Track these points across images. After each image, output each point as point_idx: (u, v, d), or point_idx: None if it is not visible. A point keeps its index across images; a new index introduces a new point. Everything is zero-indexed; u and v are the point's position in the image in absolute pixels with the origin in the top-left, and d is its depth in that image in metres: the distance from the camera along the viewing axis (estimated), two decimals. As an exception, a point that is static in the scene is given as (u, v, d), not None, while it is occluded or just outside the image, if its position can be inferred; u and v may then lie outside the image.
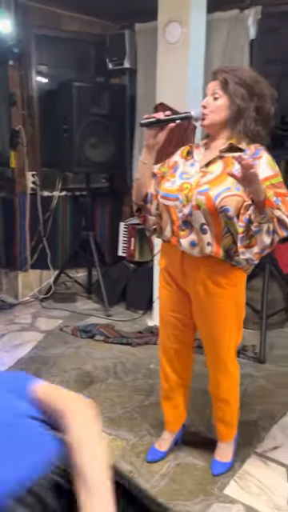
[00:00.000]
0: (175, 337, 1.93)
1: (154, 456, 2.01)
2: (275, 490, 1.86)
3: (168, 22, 3.12)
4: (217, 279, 1.70)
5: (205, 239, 1.65)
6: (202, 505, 1.77)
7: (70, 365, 2.87)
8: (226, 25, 3.48)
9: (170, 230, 1.74)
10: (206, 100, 1.69)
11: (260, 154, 1.65)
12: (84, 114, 3.56)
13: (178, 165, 1.78)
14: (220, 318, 1.77)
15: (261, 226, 1.49)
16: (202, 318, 1.82)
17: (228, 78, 1.65)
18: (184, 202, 1.66)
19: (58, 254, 4.18)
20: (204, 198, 1.61)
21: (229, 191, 1.60)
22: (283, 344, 3.24)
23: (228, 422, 1.98)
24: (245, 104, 1.64)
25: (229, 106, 1.66)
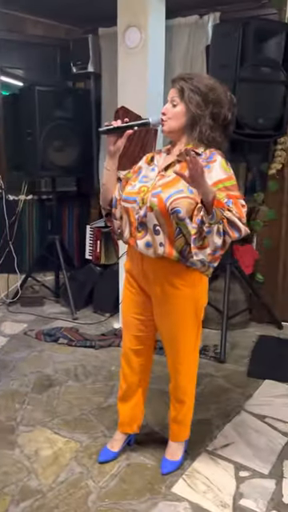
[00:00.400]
0: (137, 338, 1.95)
1: (106, 456, 2.03)
2: (222, 487, 1.89)
3: (127, 27, 3.15)
4: (172, 280, 1.74)
5: (157, 240, 1.69)
6: (148, 503, 1.79)
7: (30, 368, 2.87)
8: (187, 30, 3.53)
9: (128, 231, 1.80)
10: (165, 107, 1.75)
11: (214, 158, 1.69)
12: (47, 118, 3.57)
13: (141, 169, 1.84)
14: (177, 319, 1.81)
15: (211, 227, 1.53)
16: (160, 319, 1.86)
17: (184, 86, 1.70)
18: (140, 204, 1.72)
19: (25, 257, 4.17)
20: (156, 199, 1.66)
21: (181, 193, 1.64)
22: (245, 344, 3.29)
23: (180, 422, 2.01)
24: (200, 111, 1.69)
25: (185, 113, 1.71)
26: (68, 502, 1.79)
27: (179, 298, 1.76)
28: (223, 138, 1.76)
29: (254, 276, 3.65)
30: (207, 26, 3.43)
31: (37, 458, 2.04)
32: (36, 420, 2.32)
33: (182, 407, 1.97)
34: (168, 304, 1.78)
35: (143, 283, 1.85)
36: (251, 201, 3.65)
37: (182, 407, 1.97)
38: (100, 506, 1.77)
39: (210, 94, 1.69)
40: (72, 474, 1.95)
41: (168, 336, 1.88)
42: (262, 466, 2.01)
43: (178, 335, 1.84)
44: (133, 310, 1.92)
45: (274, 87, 2.88)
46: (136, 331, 1.94)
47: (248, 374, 2.84)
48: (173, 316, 1.81)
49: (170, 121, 1.73)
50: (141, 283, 1.86)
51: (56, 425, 2.28)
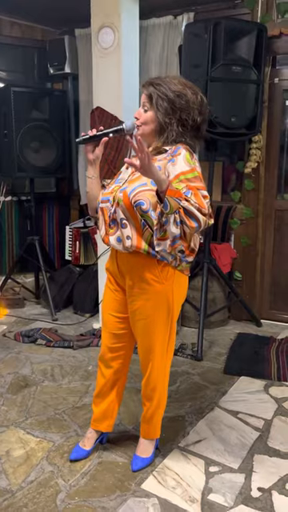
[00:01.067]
0: (115, 336, 1.95)
1: (77, 454, 2.02)
2: (192, 482, 1.89)
3: (101, 28, 3.16)
4: (144, 275, 1.75)
5: (124, 233, 1.73)
6: (117, 500, 1.79)
7: (7, 369, 2.86)
8: (161, 31, 3.56)
9: (103, 229, 1.84)
10: (138, 111, 1.79)
11: (178, 152, 1.71)
12: (24, 119, 3.57)
13: (120, 173, 1.90)
14: (148, 315, 1.80)
15: (168, 216, 1.55)
16: (133, 315, 1.86)
17: (152, 92, 1.72)
18: (112, 202, 1.77)
19: (5, 259, 4.16)
20: (122, 194, 1.73)
21: (144, 186, 1.68)
22: (223, 342, 3.32)
23: (149, 420, 2.00)
24: (167, 119, 1.71)
25: (155, 119, 1.74)
26: (37, 501, 1.78)
27: (150, 293, 1.77)
28: (194, 140, 1.78)
29: (233, 274, 3.68)
30: (181, 26, 3.46)
31: (8, 459, 2.03)
32: (10, 420, 2.31)
33: (150, 405, 1.97)
34: (140, 299, 1.79)
35: (119, 280, 1.88)
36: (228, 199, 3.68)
37: (150, 405, 1.97)
38: (68, 504, 1.77)
39: (178, 101, 1.70)
40: (42, 473, 1.94)
41: (140, 332, 1.87)
42: (232, 461, 2.02)
43: (150, 331, 1.83)
44: (112, 308, 1.94)
45: (246, 86, 2.92)
46: (114, 329, 1.95)
47: (224, 371, 2.85)
48: (144, 312, 1.80)
49: (143, 125, 1.76)
50: (118, 280, 1.89)
51: (29, 425, 2.28)
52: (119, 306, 1.92)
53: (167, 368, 1.98)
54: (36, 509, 1.75)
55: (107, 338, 1.98)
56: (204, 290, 3.23)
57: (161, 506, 1.77)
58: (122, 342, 1.96)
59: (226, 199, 3.72)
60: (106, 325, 1.98)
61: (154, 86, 1.73)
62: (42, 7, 3.57)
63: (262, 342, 3.28)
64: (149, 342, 1.87)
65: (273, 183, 3.57)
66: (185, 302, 3.51)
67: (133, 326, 1.90)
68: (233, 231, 3.66)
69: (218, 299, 3.56)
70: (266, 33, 2.97)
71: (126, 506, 1.76)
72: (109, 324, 1.96)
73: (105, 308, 1.99)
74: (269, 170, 3.53)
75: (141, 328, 1.86)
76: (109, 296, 1.95)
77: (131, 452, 2.06)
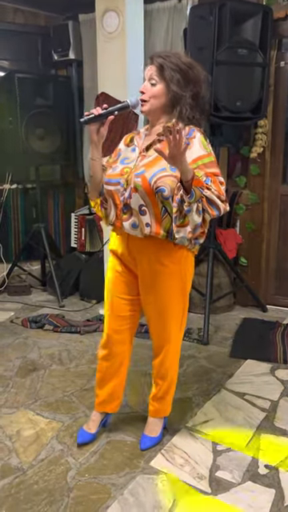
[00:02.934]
0: (122, 318, 1.95)
1: (84, 438, 2.03)
2: (200, 460, 1.92)
3: (105, 12, 3.15)
4: (160, 258, 1.75)
5: (144, 220, 1.69)
6: (126, 477, 1.82)
7: (15, 354, 2.89)
8: (166, 14, 3.53)
9: (114, 214, 1.78)
10: (143, 85, 1.71)
11: (193, 135, 1.68)
12: (28, 106, 3.56)
13: (121, 152, 1.82)
14: (164, 296, 1.82)
15: (191, 205, 1.55)
16: (148, 297, 1.86)
17: (164, 63, 1.66)
18: (124, 185, 1.71)
19: (11, 246, 4.18)
20: (140, 179, 1.65)
21: (164, 172, 1.63)
22: (229, 327, 3.33)
23: (161, 398, 2.02)
24: (181, 90, 1.67)
25: (166, 93, 1.68)
26: (47, 479, 1.82)
27: (166, 274, 1.78)
28: (203, 117, 1.76)
29: (238, 260, 3.69)
30: (186, 10, 3.42)
31: (18, 438, 2.07)
32: (19, 402, 2.35)
33: (163, 383, 1.99)
34: (156, 281, 1.79)
35: (129, 263, 1.85)
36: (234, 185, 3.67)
37: (163, 383, 1.99)
38: (79, 480, 1.81)
39: (190, 72, 1.68)
40: (53, 451, 1.98)
41: (155, 313, 1.88)
42: (239, 440, 2.05)
43: (166, 312, 1.85)
44: (120, 291, 1.92)
45: (252, 69, 2.90)
46: (122, 311, 1.94)
47: (230, 355, 2.88)
48: (160, 293, 1.81)
49: (151, 100, 1.69)
50: (127, 263, 1.87)
51: (38, 406, 2.31)
52: (127, 288, 1.91)
53: (180, 347, 2.00)
54: (47, 485, 1.78)
55: (113, 320, 1.97)
56: (209, 275, 3.25)
57: (169, 482, 1.80)
58: (128, 324, 1.97)
59: (231, 184, 3.71)
60: (114, 308, 1.96)
61: (164, 57, 1.68)
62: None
63: (267, 326, 3.30)
64: (165, 322, 1.88)
65: (278, 168, 3.55)
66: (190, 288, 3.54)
67: (146, 307, 1.90)
68: (238, 217, 3.66)
69: (224, 285, 3.57)
70: (271, 15, 2.94)
71: (135, 483, 1.79)
72: (117, 307, 1.94)
73: (111, 291, 1.95)
74: (274, 155, 3.51)
75: (157, 309, 1.86)
76: (115, 278, 1.92)
77: (139, 432, 2.09)
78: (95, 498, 1.73)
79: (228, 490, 1.76)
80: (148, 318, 1.94)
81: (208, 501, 1.71)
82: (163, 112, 1.73)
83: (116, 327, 1.97)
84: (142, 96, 1.70)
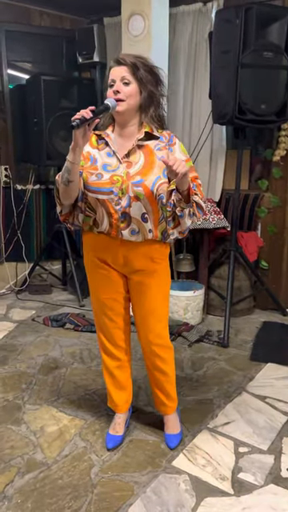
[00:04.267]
0: (119, 315, 1.95)
1: (114, 442, 2.03)
2: (222, 461, 1.93)
3: (131, 15, 3.19)
4: (153, 256, 1.83)
5: (146, 227, 1.74)
6: (149, 476, 1.84)
7: (37, 352, 2.94)
8: (190, 18, 3.55)
9: (107, 222, 1.74)
10: (117, 85, 1.68)
11: (174, 141, 1.78)
12: (53, 108, 3.62)
13: (92, 155, 1.75)
14: (159, 288, 1.89)
15: (183, 210, 1.69)
16: (141, 293, 1.87)
17: (136, 63, 1.69)
18: (119, 194, 1.70)
19: (33, 246, 4.24)
20: (141, 188, 1.68)
21: (160, 179, 1.71)
22: (249, 330, 3.33)
23: (169, 393, 2.04)
24: (154, 90, 1.72)
25: (139, 92, 1.70)
26: (71, 474, 1.85)
27: (159, 270, 1.87)
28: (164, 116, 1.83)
29: (259, 263, 3.68)
30: (211, 13, 3.45)
31: (42, 434, 2.10)
32: (42, 399, 2.39)
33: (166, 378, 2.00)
34: (151, 278, 1.85)
35: (118, 266, 1.85)
36: (256, 188, 3.67)
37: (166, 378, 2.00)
38: (102, 477, 1.83)
39: (158, 74, 1.74)
40: (76, 448, 2.01)
41: (147, 309, 1.89)
42: (261, 443, 2.05)
43: (157, 306, 1.90)
44: (112, 290, 1.91)
45: (277, 72, 2.89)
46: (115, 309, 1.94)
47: (251, 358, 2.87)
48: (155, 287, 1.87)
49: (128, 100, 1.67)
50: (112, 265, 1.86)
51: (61, 404, 2.35)
52: (117, 286, 1.90)
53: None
54: (71, 481, 1.81)
55: (110, 320, 1.95)
56: (230, 278, 3.24)
57: (192, 482, 1.81)
58: (123, 321, 1.97)
59: (253, 187, 3.71)
60: (106, 308, 1.93)
61: (133, 58, 1.70)
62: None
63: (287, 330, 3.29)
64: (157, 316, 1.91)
65: (301, 171, 3.54)
66: (210, 290, 3.55)
67: (139, 305, 1.91)
68: (260, 220, 3.65)
69: (244, 288, 3.57)
70: (298, 18, 2.93)
71: (157, 482, 1.81)
72: (109, 306, 1.93)
73: (101, 293, 1.92)
74: (297, 158, 3.50)
75: (150, 304, 1.88)
76: (106, 280, 1.89)
77: (160, 431, 2.11)
78: (118, 495, 1.75)
79: (251, 492, 1.76)
80: (139, 317, 1.93)
81: (231, 502, 1.72)
82: (135, 112, 1.74)
83: (116, 326, 1.97)
84: (118, 95, 1.67)
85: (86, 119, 1.56)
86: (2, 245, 4.06)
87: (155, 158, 1.72)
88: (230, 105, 2.88)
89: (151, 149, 1.74)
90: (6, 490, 1.76)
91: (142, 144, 1.74)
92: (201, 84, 3.63)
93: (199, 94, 3.67)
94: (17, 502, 1.71)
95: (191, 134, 3.77)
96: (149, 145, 1.75)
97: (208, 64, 3.40)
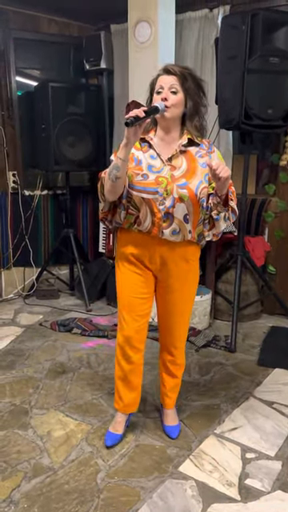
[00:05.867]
0: (141, 317, 1.99)
1: (113, 440, 2.07)
2: (229, 467, 1.92)
3: (137, 22, 3.21)
4: (187, 257, 1.92)
5: (187, 228, 1.83)
6: (155, 481, 1.84)
7: (44, 356, 2.95)
8: (197, 24, 3.57)
9: (150, 221, 1.81)
10: (165, 92, 1.76)
11: (213, 149, 1.88)
12: (60, 114, 3.65)
13: (136, 157, 1.82)
14: (189, 289, 1.99)
15: (220, 214, 1.79)
16: (172, 293, 1.96)
17: (185, 74, 1.79)
18: (164, 194, 1.77)
19: (41, 251, 4.27)
20: (186, 191, 1.77)
21: (202, 184, 1.80)
22: (256, 335, 3.31)
23: (174, 389, 2.18)
24: (200, 101, 1.83)
25: (184, 102, 1.80)
26: (78, 479, 1.85)
27: (191, 270, 1.97)
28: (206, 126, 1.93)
29: (266, 267, 3.67)
30: (217, 19, 3.46)
31: (49, 439, 2.11)
32: (49, 404, 2.39)
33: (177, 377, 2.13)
34: (183, 278, 1.94)
35: (152, 265, 1.92)
36: (263, 192, 3.67)
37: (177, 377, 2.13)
38: (108, 482, 1.83)
39: (203, 86, 1.85)
40: (82, 453, 2.01)
41: (178, 307, 2.00)
42: (268, 449, 2.04)
43: (188, 303, 2.02)
44: (139, 290, 1.95)
45: (283, 77, 2.89)
46: (141, 310, 1.98)
47: (258, 363, 2.86)
48: (186, 287, 1.98)
49: (173, 107, 1.76)
50: (148, 265, 1.92)
51: (68, 408, 2.35)
52: (147, 287, 1.96)
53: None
54: (77, 486, 1.81)
55: (134, 321, 1.97)
56: (237, 282, 3.23)
57: (198, 488, 1.80)
58: (145, 323, 2.02)
59: (260, 192, 3.71)
60: (134, 308, 1.97)
61: (182, 69, 1.80)
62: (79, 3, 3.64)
63: (296, 335, 3.26)
64: (185, 314, 2.03)
65: (308, 176, 3.53)
66: (217, 295, 3.55)
67: (167, 302, 1.99)
68: (267, 224, 3.64)
69: (251, 292, 3.56)
70: (304, 23, 2.94)
71: (164, 487, 1.81)
72: (136, 306, 1.97)
73: (130, 292, 1.96)
74: (304, 163, 3.49)
75: (181, 305, 1.99)
76: (133, 279, 1.94)
77: (167, 437, 2.11)
78: (125, 500, 1.75)
79: (258, 499, 1.75)
80: (166, 317, 2.02)
81: (238, 508, 1.71)
82: (179, 119, 1.83)
83: (137, 327, 1.99)
84: (166, 102, 1.75)
85: (139, 118, 1.64)
86: (10, 250, 4.08)
87: (197, 164, 1.81)
88: (236, 110, 2.89)
89: (192, 155, 1.83)
90: (12, 495, 1.77)
91: (184, 150, 1.83)
92: (207, 89, 3.60)
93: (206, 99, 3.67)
94: (23, 506, 1.71)
95: (198, 139, 3.78)
96: (190, 151, 1.84)
97: (214, 70, 3.41)
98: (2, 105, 3.89)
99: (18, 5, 3.80)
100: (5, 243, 4.06)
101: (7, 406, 2.37)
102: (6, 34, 3.82)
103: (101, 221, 1.97)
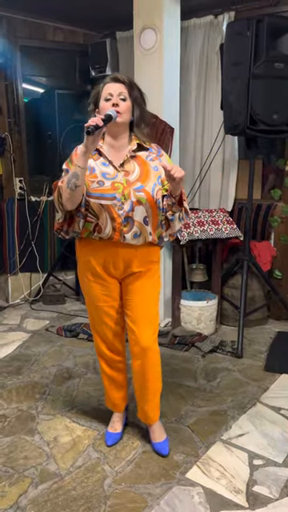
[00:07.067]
0: (115, 322, 2.01)
1: (114, 440, 2.11)
2: (236, 474, 1.91)
3: (143, 29, 3.23)
4: (150, 258, 1.95)
5: (147, 230, 1.86)
6: (162, 488, 1.83)
7: (51, 362, 2.95)
8: (202, 30, 3.59)
9: (110, 227, 1.81)
10: (115, 99, 1.78)
11: (162, 152, 1.94)
12: (66, 121, 3.69)
13: (89, 165, 1.79)
14: (154, 290, 1.99)
15: (174, 214, 1.86)
16: (139, 295, 1.94)
17: (132, 83, 1.85)
18: (122, 199, 1.79)
19: (47, 257, 4.28)
20: (143, 193, 1.81)
21: (157, 186, 1.85)
22: (263, 340, 3.30)
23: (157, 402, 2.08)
24: (145, 109, 1.90)
25: (131, 109, 1.83)
26: (85, 485, 1.85)
27: (155, 270, 1.98)
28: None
29: (272, 272, 3.66)
30: (222, 25, 3.48)
31: (56, 444, 2.11)
32: (56, 409, 2.40)
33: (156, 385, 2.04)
34: (148, 279, 1.95)
35: (116, 270, 1.90)
36: (268, 197, 3.66)
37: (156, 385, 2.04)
38: (115, 489, 1.83)
39: (144, 96, 1.89)
40: (89, 459, 2.01)
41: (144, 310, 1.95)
42: (275, 455, 2.02)
43: (152, 307, 1.99)
44: (112, 298, 1.96)
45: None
46: (116, 315, 2.00)
47: (265, 369, 2.84)
48: (151, 289, 1.97)
49: (124, 114, 1.79)
50: (112, 271, 1.90)
51: (75, 414, 2.35)
52: (116, 294, 1.97)
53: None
54: (84, 492, 1.81)
55: (108, 329, 2.01)
56: (243, 287, 3.23)
57: (206, 495, 1.79)
58: (120, 326, 2.04)
59: (265, 197, 3.71)
60: (105, 316, 1.98)
61: (129, 77, 1.85)
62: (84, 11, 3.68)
63: (303, 340, 3.24)
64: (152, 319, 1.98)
65: (314, 181, 3.52)
66: (223, 300, 3.54)
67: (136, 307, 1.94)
68: (273, 229, 3.64)
69: (258, 297, 3.55)
70: (308, 29, 2.95)
71: (171, 494, 1.80)
72: (109, 314, 1.98)
73: (99, 302, 1.96)
74: (310, 168, 3.49)
75: (146, 305, 1.95)
76: (104, 289, 1.94)
77: (174, 443, 2.11)
78: (132, 506, 1.74)
79: (266, 506, 1.74)
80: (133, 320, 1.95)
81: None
82: (127, 126, 1.86)
83: (110, 333, 2.03)
84: (117, 108, 1.77)
85: (99, 126, 1.65)
86: (17, 255, 4.11)
87: (149, 167, 1.86)
88: (241, 115, 2.90)
89: (143, 159, 1.87)
90: (19, 501, 1.77)
91: (134, 155, 1.86)
92: (212, 95, 3.67)
93: (211, 105, 3.70)
94: (30, 512, 1.71)
95: (203, 145, 3.79)
96: (140, 155, 1.88)
97: (219, 76, 3.43)
98: (8, 112, 3.93)
99: (25, 13, 3.85)
100: (11, 249, 4.09)
101: (14, 411, 2.37)
102: (13, 43, 3.87)
103: (56, 232, 1.93)
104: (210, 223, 3.31)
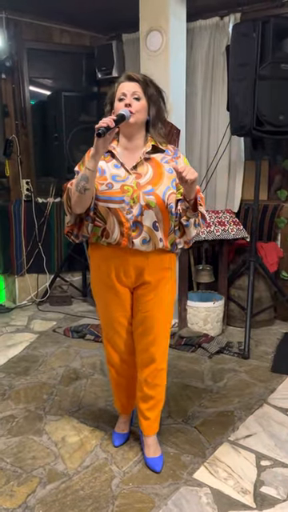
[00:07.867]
0: (127, 331, 1.94)
1: (121, 440, 2.12)
2: (243, 474, 1.91)
3: (149, 31, 3.25)
4: (163, 265, 1.85)
5: (157, 236, 1.76)
6: (170, 488, 1.84)
7: (58, 363, 2.97)
8: (208, 32, 3.60)
9: (118, 232, 1.75)
10: (128, 99, 1.72)
11: (178, 154, 1.84)
12: (73, 122, 3.71)
13: (100, 167, 1.75)
14: (167, 298, 1.89)
15: (189, 220, 1.75)
16: (150, 304, 1.85)
17: (148, 81, 1.77)
18: (131, 203, 1.71)
19: (54, 258, 4.31)
20: (153, 197, 1.72)
21: (169, 189, 1.75)
22: (269, 341, 3.30)
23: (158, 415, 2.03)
24: (162, 107, 1.81)
25: (147, 108, 1.75)
26: (92, 485, 1.86)
27: (168, 278, 1.88)
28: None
29: (279, 273, 3.65)
30: (228, 27, 3.49)
31: (63, 444, 2.12)
32: (63, 410, 2.41)
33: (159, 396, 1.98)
34: (161, 286, 1.85)
35: (127, 278, 1.83)
36: (275, 198, 3.66)
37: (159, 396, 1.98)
38: (123, 489, 1.84)
39: (162, 92, 1.82)
40: (97, 459, 2.02)
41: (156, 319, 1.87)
42: (283, 456, 2.02)
43: (166, 314, 1.91)
44: (124, 308, 1.90)
45: (295, 84, 2.90)
46: (128, 324, 1.93)
47: (272, 370, 2.84)
48: (164, 296, 1.87)
49: (138, 114, 1.72)
50: (124, 279, 1.83)
51: (82, 414, 2.37)
52: (125, 304, 1.89)
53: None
54: (92, 492, 1.82)
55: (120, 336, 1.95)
56: (250, 289, 3.23)
57: (213, 495, 1.80)
58: (129, 334, 1.95)
59: (272, 198, 3.71)
60: (117, 324, 1.92)
61: (143, 76, 1.78)
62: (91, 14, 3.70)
63: (310, 341, 3.24)
64: (165, 329, 1.90)
65: None
66: (230, 301, 3.54)
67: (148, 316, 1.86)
68: (279, 230, 3.63)
69: (264, 299, 3.54)
70: (314, 30, 2.94)
71: (178, 494, 1.80)
72: (121, 323, 1.92)
73: (113, 311, 1.90)
74: None
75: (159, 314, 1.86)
76: (117, 299, 1.87)
77: (181, 443, 2.11)
78: (139, 506, 1.75)
79: (273, 506, 1.74)
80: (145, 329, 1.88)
81: (253, 516, 1.70)
82: (142, 127, 1.78)
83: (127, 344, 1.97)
84: (130, 108, 1.70)
85: (110, 127, 1.59)
86: (24, 257, 4.13)
87: (163, 170, 1.76)
88: (248, 116, 2.90)
89: (158, 161, 1.78)
90: (28, 501, 1.78)
91: (149, 157, 1.78)
92: (218, 96, 3.67)
93: (217, 106, 3.70)
94: (39, 512, 1.73)
95: (209, 146, 3.80)
96: (155, 158, 1.79)
97: (225, 77, 3.43)
98: (15, 114, 3.96)
99: (31, 16, 3.87)
100: (18, 250, 4.11)
101: (22, 411, 2.39)
102: (20, 45, 3.90)
103: (66, 235, 1.87)
104: (217, 224, 3.31)
